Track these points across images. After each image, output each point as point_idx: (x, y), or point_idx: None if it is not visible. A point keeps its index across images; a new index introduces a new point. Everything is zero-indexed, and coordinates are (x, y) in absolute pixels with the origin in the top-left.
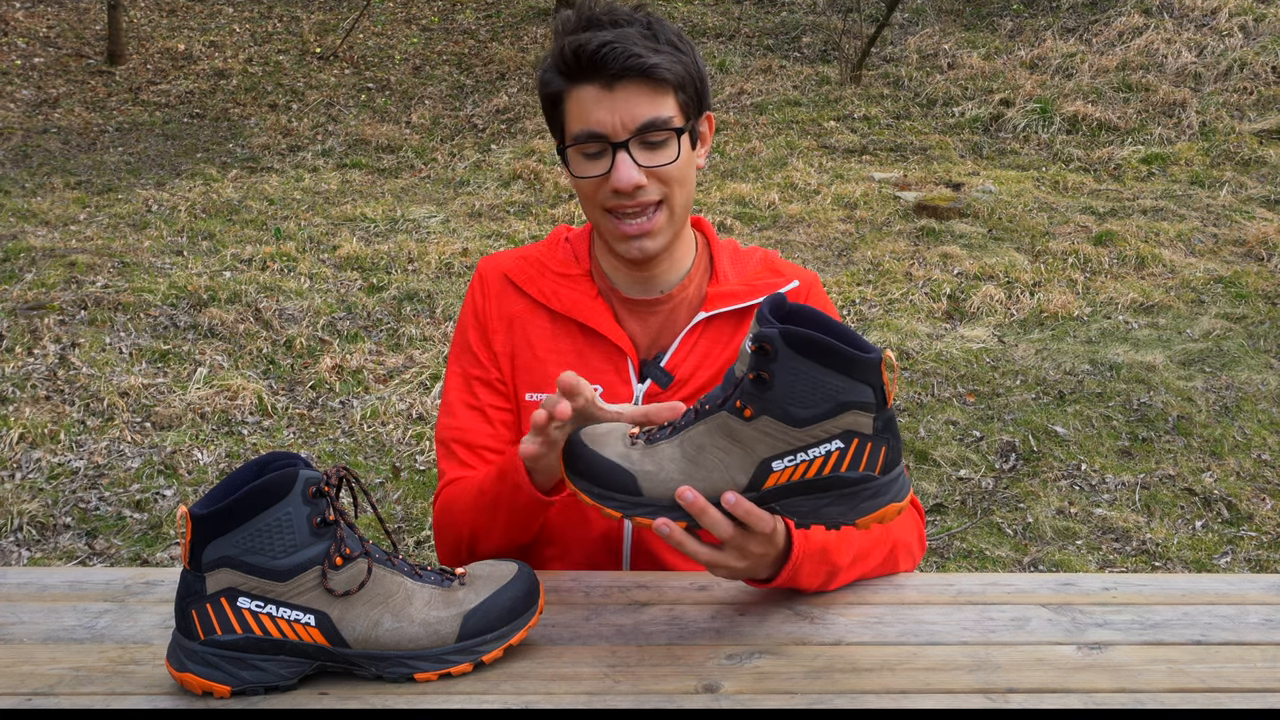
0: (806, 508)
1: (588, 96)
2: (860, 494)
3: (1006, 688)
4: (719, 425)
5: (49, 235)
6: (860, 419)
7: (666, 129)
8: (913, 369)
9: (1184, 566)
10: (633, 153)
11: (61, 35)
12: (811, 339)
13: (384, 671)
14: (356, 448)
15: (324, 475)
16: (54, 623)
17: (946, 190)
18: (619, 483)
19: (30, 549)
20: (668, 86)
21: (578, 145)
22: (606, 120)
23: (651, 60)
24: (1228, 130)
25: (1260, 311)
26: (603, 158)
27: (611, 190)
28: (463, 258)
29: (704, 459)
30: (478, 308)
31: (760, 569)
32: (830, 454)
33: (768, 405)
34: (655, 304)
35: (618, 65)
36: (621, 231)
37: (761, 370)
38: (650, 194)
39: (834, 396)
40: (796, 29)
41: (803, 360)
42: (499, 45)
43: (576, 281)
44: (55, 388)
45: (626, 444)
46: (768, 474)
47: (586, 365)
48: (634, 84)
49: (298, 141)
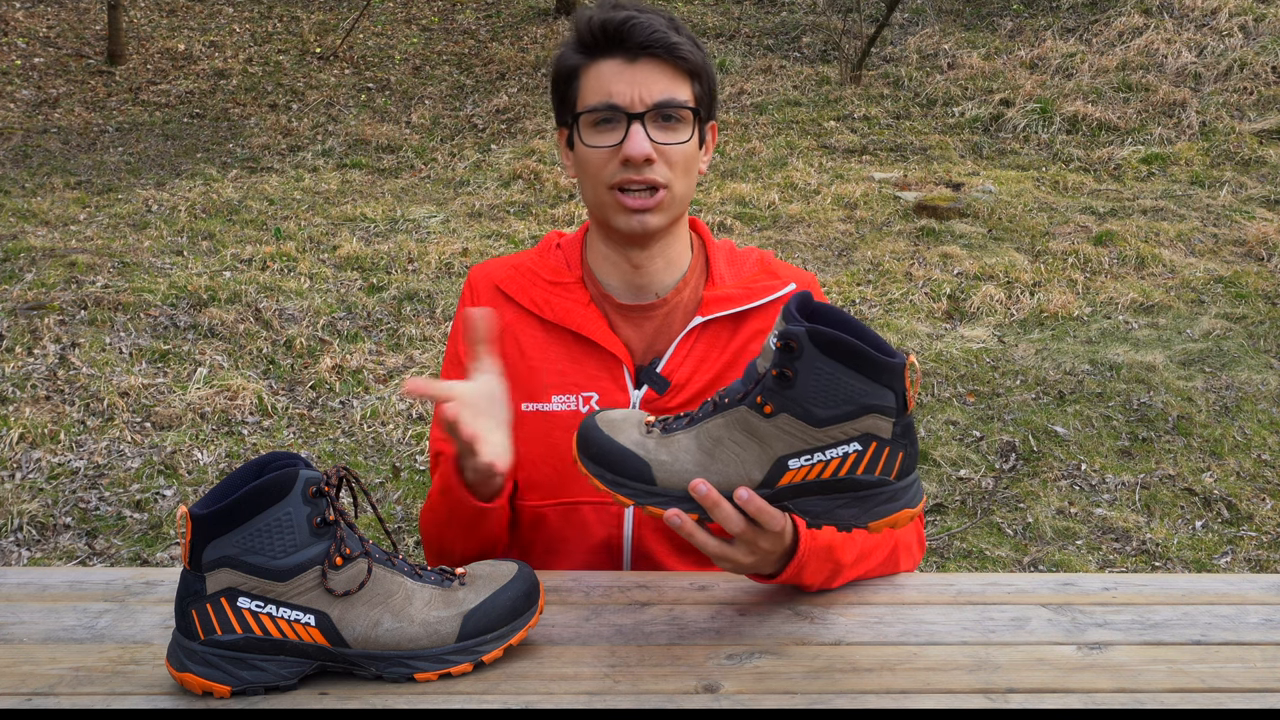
0: (819, 508)
1: (607, 69)
2: (875, 498)
3: (1006, 688)
4: (738, 419)
5: (49, 235)
6: (880, 423)
7: (683, 108)
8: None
9: (1184, 566)
10: (647, 128)
11: (61, 35)
12: (837, 339)
13: (384, 671)
14: (356, 448)
15: (324, 475)
16: (54, 623)
17: (946, 190)
18: (633, 470)
19: (30, 549)
20: (686, 71)
21: (592, 114)
22: (625, 92)
23: (674, 39)
24: (1228, 130)
25: (1260, 311)
26: (616, 129)
27: (621, 162)
28: (463, 258)
29: (720, 452)
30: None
31: (766, 565)
32: (848, 456)
33: (788, 403)
34: (650, 309)
35: (642, 37)
36: (625, 204)
37: (785, 367)
38: (656, 173)
39: (856, 399)
40: (796, 29)
41: (827, 360)
42: (499, 45)
43: (569, 289)
44: (55, 388)
45: (642, 431)
46: (783, 471)
47: (581, 373)
48: (655, 61)
49: (298, 141)
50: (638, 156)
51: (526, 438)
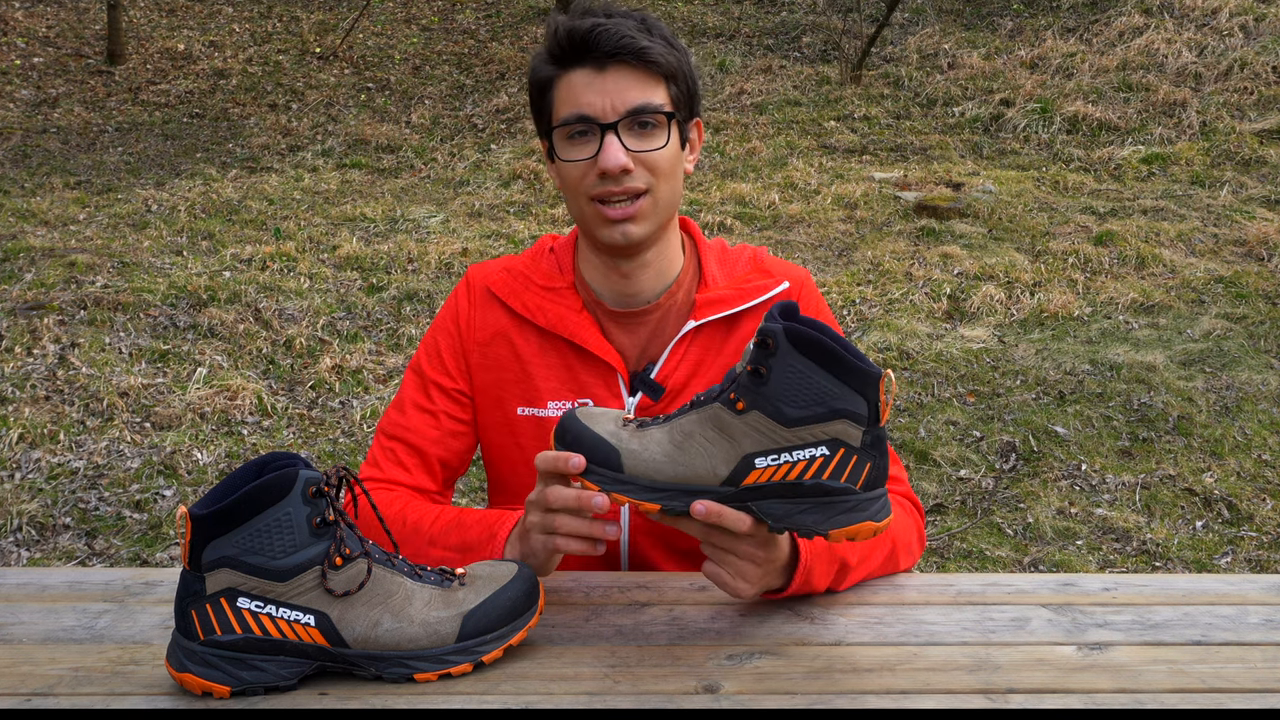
0: (781, 511)
1: (578, 80)
2: (838, 505)
3: (1006, 688)
4: (710, 416)
5: (49, 235)
6: (850, 430)
7: (657, 114)
8: (913, 369)
9: (1184, 567)
10: (621, 136)
11: (61, 35)
12: (813, 339)
13: (384, 671)
14: (356, 448)
15: (324, 475)
16: (54, 623)
17: (946, 190)
18: (602, 457)
19: (30, 549)
20: (659, 74)
21: (565, 127)
22: (596, 102)
23: (644, 43)
24: (1228, 130)
25: (1260, 311)
26: (590, 141)
27: (598, 174)
28: (463, 258)
29: (689, 446)
30: (460, 315)
31: (773, 577)
32: (814, 459)
33: (760, 400)
34: (642, 314)
35: (610, 45)
36: (606, 215)
37: (760, 364)
38: (636, 180)
39: (827, 401)
40: (796, 29)
41: (802, 359)
42: (499, 45)
43: (561, 295)
44: (55, 388)
45: (618, 424)
46: (749, 470)
47: (576, 380)
48: (625, 67)
49: (298, 141)
50: (613, 168)
51: (522, 442)
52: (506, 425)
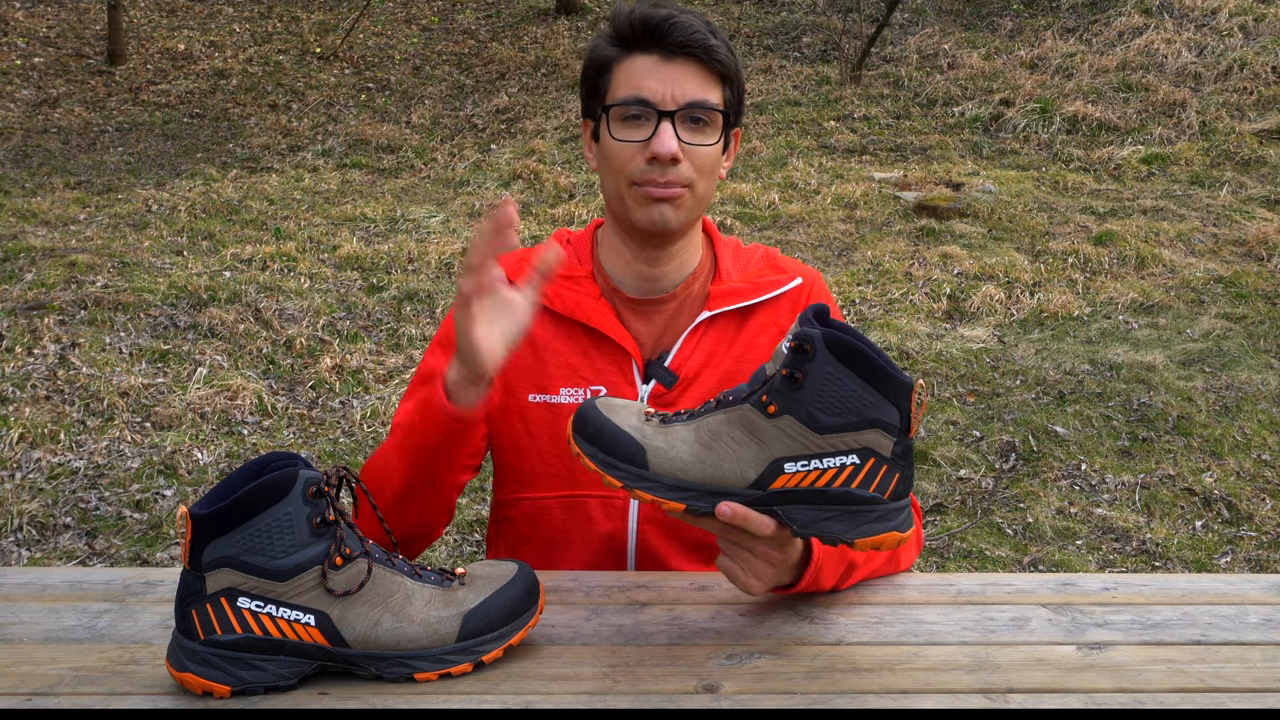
0: (808, 517)
1: (642, 65)
2: (865, 515)
3: (1006, 688)
4: (739, 417)
5: (49, 235)
6: (882, 439)
7: (713, 111)
8: (913, 369)
9: (1184, 566)
10: (676, 127)
11: (61, 35)
12: (852, 347)
13: (384, 671)
14: (356, 448)
15: (324, 475)
16: (54, 623)
17: (946, 190)
18: (626, 452)
19: (30, 549)
20: (719, 76)
21: (622, 107)
22: (658, 89)
23: (712, 42)
24: (1228, 130)
25: (1260, 311)
26: (645, 125)
27: (648, 159)
28: (463, 258)
29: (717, 446)
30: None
31: (785, 574)
32: (845, 467)
33: (793, 405)
34: (659, 303)
35: (682, 37)
36: (648, 194)
37: (796, 369)
38: (682, 173)
39: (861, 410)
40: (796, 29)
41: (839, 366)
42: (499, 45)
43: (579, 282)
44: (55, 388)
45: (641, 419)
46: (778, 474)
47: (590, 366)
48: (691, 61)
49: (298, 141)
50: (665, 154)
51: (533, 429)
52: (517, 412)
